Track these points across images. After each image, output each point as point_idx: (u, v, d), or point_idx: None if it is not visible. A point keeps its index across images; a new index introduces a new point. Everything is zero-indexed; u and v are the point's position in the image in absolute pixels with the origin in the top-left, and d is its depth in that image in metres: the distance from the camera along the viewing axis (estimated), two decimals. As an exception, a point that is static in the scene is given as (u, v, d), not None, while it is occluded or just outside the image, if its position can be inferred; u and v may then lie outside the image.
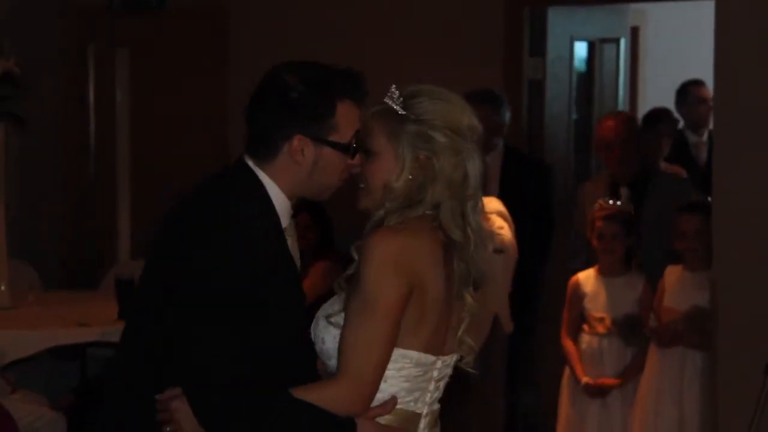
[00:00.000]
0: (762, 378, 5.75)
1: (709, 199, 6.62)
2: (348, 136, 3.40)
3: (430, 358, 3.28)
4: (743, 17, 6.32)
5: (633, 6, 9.02)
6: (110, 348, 6.95)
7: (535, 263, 7.13)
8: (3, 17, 9.19)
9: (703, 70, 7.02)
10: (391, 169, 3.31)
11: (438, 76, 7.52)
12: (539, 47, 8.28)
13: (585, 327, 6.99)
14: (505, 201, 7.02)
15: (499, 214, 6.78)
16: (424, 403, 3.36)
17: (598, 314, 6.94)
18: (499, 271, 6.87)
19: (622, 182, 7.22)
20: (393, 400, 3.27)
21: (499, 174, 7.27)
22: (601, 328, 6.94)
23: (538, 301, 7.41)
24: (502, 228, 6.75)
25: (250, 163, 3.48)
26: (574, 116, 8.66)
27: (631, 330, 6.92)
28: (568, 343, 7.00)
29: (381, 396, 3.28)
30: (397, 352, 3.24)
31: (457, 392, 6.78)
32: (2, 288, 7.71)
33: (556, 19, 8.26)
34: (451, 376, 6.78)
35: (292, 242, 3.57)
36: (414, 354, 3.26)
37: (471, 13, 8.23)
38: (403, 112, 3.31)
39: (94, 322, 7.15)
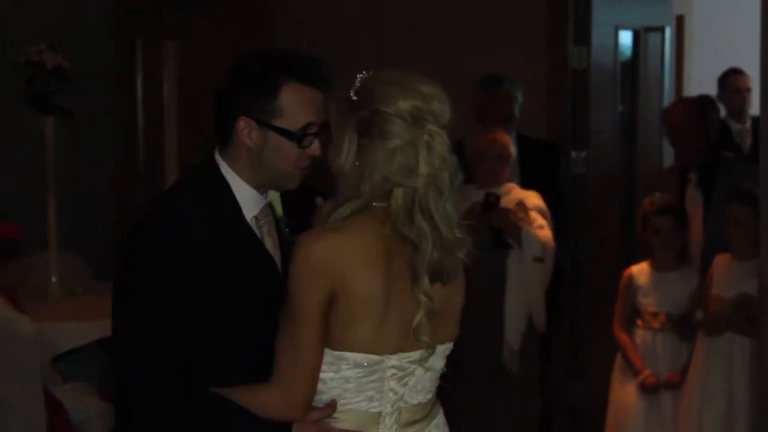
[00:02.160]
0: None
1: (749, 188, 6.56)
2: (298, 122, 3.39)
3: (374, 358, 3.23)
4: None
5: None
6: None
7: (556, 257, 7.10)
8: (52, 13, 9.25)
9: (750, 58, 6.96)
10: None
11: (481, 66, 7.56)
12: (583, 36, 8.26)
13: (639, 322, 6.97)
14: (525, 187, 7.05)
15: (539, 211, 6.75)
16: (385, 401, 3.30)
17: (653, 309, 6.92)
18: (538, 276, 6.89)
19: (690, 168, 7.13)
20: (333, 403, 3.26)
21: (518, 162, 7.23)
22: (655, 324, 6.94)
23: (566, 298, 7.37)
24: (542, 227, 6.74)
25: (216, 156, 3.53)
26: (620, 107, 8.61)
27: (687, 325, 6.87)
28: (623, 337, 7.00)
29: (323, 398, 3.29)
30: (331, 354, 3.23)
31: (493, 390, 6.78)
32: (53, 280, 7.74)
33: (601, 8, 8.24)
34: (486, 373, 6.70)
35: (266, 228, 3.59)
36: (349, 355, 3.22)
37: (514, 3, 8.18)
38: (355, 98, 3.27)
39: (143, 314, 7.15)
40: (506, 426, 6.95)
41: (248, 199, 3.47)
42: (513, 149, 6.97)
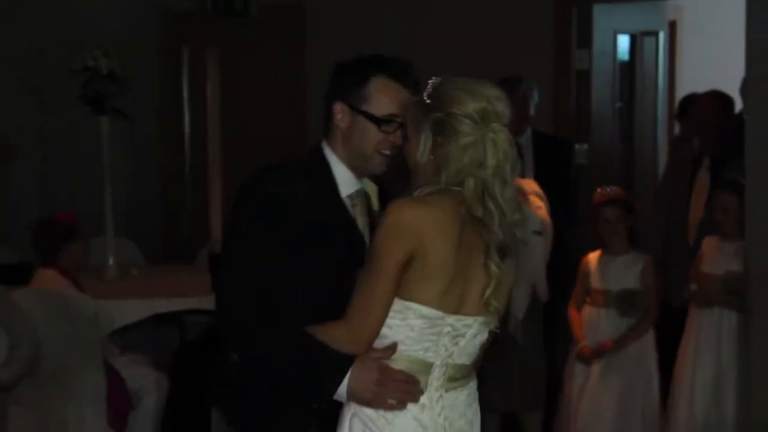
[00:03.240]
0: None
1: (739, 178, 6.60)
2: (382, 110, 3.49)
3: (437, 313, 3.30)
4: None
5: (671, 2, 8.89)
6: (205, 315, 7.08)
7: (564, 233, 7.07)
8: (108, 24, 9.31)
9: (736, 60, 7.00)
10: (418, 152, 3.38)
11: (493, 68, 7.62)
12: (586, 40, 8.22)
13: (588, 299, 7.04)
14: (539, 179, 7.01)
15: (537, 195, 6.76)
16: (437, 354, 3.35)
17: (599, 288, 6.98)
18: (539, 249, 6.81)
19: (705, 154, 7.19)
20: (393, 345, 3.31)
21: (532, 156, 7.25)
22: (600, 301, 6.98)
23: (570, 270, 7.39)
24: (540, 208, 6.70)
25: (323, 141, 3.65)
26: (618, 104, 8.65)
27: (628, 303, 6.92)
28: (572, 314, 7.06)
29: (386, 341, 3.34)
30: (401, 304, 3.29)
31: (500, 357, 6.80)
32: (110, 263, 7.86)
33: (601, 15, 8.22)
34: (493, 342, 6.69)
35: (360, 209, 3.65)
36: (416, 306, 3.29)
37: (524, 10, 8.20)
38: (429, 101, 3.36)
39: (191, 292, 7.25)
40: (514, 391, 6.93)
41: (345, 179, 3.58)
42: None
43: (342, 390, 3.31)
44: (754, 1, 6.31)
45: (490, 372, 6.85)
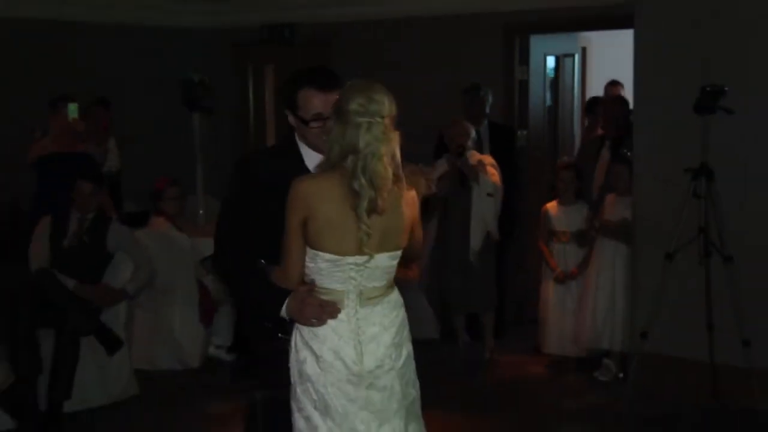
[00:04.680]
0: (663, 262, 5.75)
1: (629, 153, 6.61)
2: (308, 113, 3.36)
3: (335, 257, 3.17)
4: (653, 41, 6.24)
5: (582, 33, 8.85)
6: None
7: (510, 193, 7.01)
8: (198, 47, 9.28)
9: (627, 73, 6.97)
10: None
11: (459, 79, 7.66)
12: (524, 59, 8.14)
13: (554, 239, 7.00)
14: (494, 155, 6.93)
15: (492, 166, 6.74)
16: (347, 284, 3.21)
17: (561, 229, 6.97)
18: (492, 204, 6.77)
19: (608, 137, 7.11)
20: (312, 282, 3.22)
21: (488, 140, 7.22)
22: (564, 238, 6.97)
23: (515, 219, 7.39)
24: (494, 175, 6.65)
25: (294, 132, 3.54)
26: (548, 104, 8.62)
27: (582, 238, 6.91)
28: (544, 248, 7.05)
29: (308, 279, 3.25)
30: (311, 252, 3.18)
31: (465, 276, 6.78)
32: (201, 212, 7.85)
33: (535, 42, 8.16)
34: (460, 266, 6.43)
35: None
36: (321, 253, 3.17)
37: (482, 39, 8.13)
38: (337, 97, 3.23)
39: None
40: (474, 298, 6.93)
41: (311, 156, 3.43)
42: (472, 131, 6.86)
43: (283, 313, 3.24)
44: (639, 35, 6.30)
45: (458, 286, 6.89)
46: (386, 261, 3.24)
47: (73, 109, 7.12)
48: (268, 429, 3.43)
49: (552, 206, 7.06)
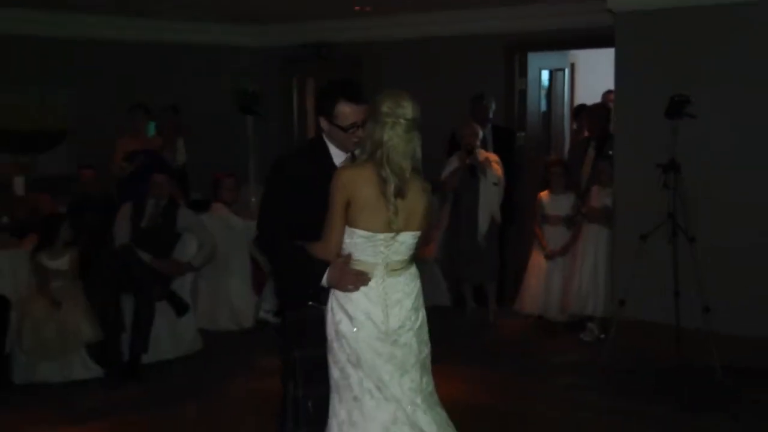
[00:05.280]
0: (638, 242, 5.68)
1: (611, 152, 6.59)
2: (345, 122, 3.32)
3: (368, 233, 3.16)
4: (630, 58, 6.25)
5: (572, 51, 8.74)
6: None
7: (510, 184, 6.98)
8: (253, 61, 9.26)
9: (608, 85, 6.97)
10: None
11: (468, 88, 7.53)
12: (523, 72, 8.02)
13: (546, 222, 6.91)
14: (497, 153, 6.91)
15: (496, 162, 6.75)
16: (377, 257, 3.20)
17: (552, 214, 6.89)
18: (496, 193, 6.78)
19: (593, 138, 7.05)
20: (348, 255, 3.20)
21: (492, 139, 7.14)
22: (554, 222, 6.89)
23: (514, 207, 7.35)
24: (498, 169, 6.74)
25: (323, 134, 3.48)
26: (543, 110, 8.58)
27: (569, 222, 6.86)
28: (537, 230, 6.96)
29: (345, 253, 3.23)
30: (349, 230, 3.18)
31: (474, 252, 6.70)
32: (252, 200, 7.81)
33: (532, 58, 8.05)
34: (470, 246, 6.30)
35: None
36: (357, 231, 3.16)
37: (489, 55, 8.06)
38: (371, 104, 3.23)
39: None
40: (480, 270, 6.95)
41: (337, 154, 3.42)
42: (480, 132, 6.82)
43: (324, 282, 3.23)
44: (619, 53, 6.28)
45: (467, 261, 6.88)
46: (409, 239, 3.24)
47: (151, 128, 7.16)
48: (304, 382, 3.41)
49: (544, 195, 6.97)
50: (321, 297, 3.30)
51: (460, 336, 6.62)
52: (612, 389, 5.45)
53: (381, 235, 3.18)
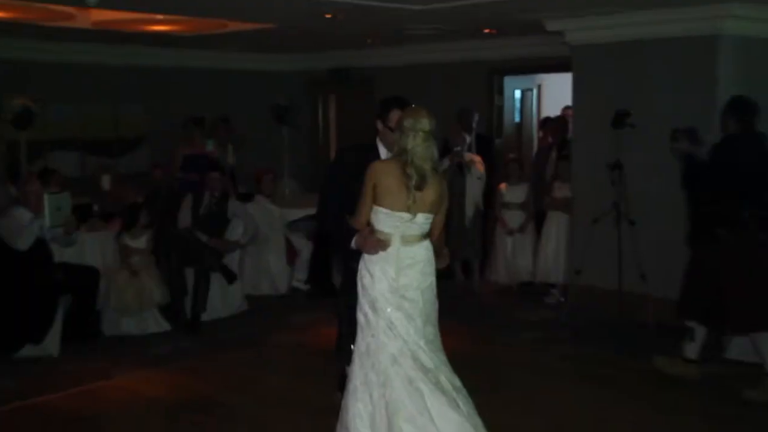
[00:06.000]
0: (591, 225, 5.74)
1: (569, 154, 6.49)
2: (393, 124, 3.36)
3: (390, 211, 3.18)
4: (584, 80, 6.28)
5: (538, 75, 8.62)
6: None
7: (491, 181, 6.87)
8: (285, 83, 9.18)
9: (567, 101, 6.96)
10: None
11: (455, 103, 7.35)
12: (500, 91, 8.04)
13: (505, 207, 6.84)
14: (480, 154, 6.86)
15: (479, 162, 6.71)
16: (396, 230, 3.20)
17: (510, 201, 6.83)
18: (479, 186, 6.73)
19: (554, 143, 7.01)
20: (372, 226, 3.22)
21: (476, 144, 6.97)
22: (512, 207, 6.83)
23: (493, 198, 7.16)
24: (480, 168, 6.70)
25: (377, 137, 3.57)
26: (516, 121, 8.53)
27: (524, 208, 6.80)
28: (498, 214, 6.88)
29: (370, 225, 3.25)
30: (375, 208, 3.21)
31: (462, 231, 6.52)
32: (287, 191, 7.79)
33: (508, 80, 8.06)
34: (458, 227, 6.21)
35: None
36: (380, 209, 3.19)
37: (472, 77, 8.04)
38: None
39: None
40: (466, 248, 6.81)
41: (383, 151, 3.50)
42: (467, 138, 6.73)
43: (353, 245, 3.28)
44: (576, 76, 6.29)
45: (456, 241, 6.60)
46: (422, 219, 3.23)
47: (210, 144, 7.15)
48: (348, 322, 3.49)
49: (503, 186, 6.88)
50: (355, 257, 3.36)
51: (450, 300, 6.30)
52: (569, 340, 5.44)
53: (398, 214, 3.19)
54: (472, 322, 5.96)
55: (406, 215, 3.19)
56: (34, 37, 7.17)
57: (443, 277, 3.45)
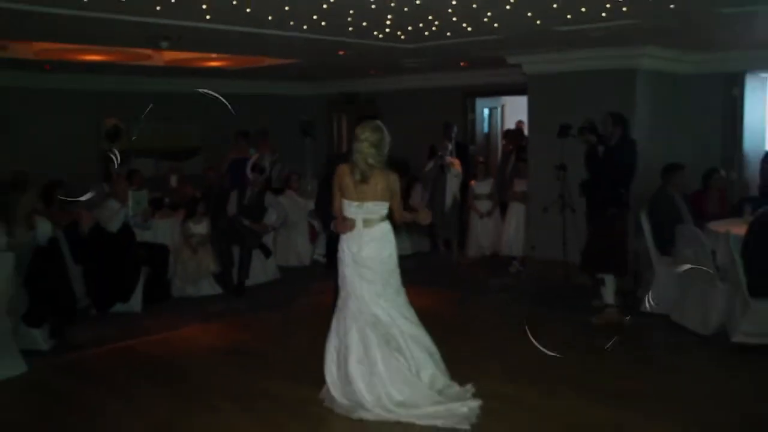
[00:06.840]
0: (541, 212, 5.71)
1: (526, 157, 6.43)
2: None
3: (348, 201, 3.18)
4: (536, 101, 6.24)
5: (503, 97, 8.52)
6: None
7: (466, 178, 6.84)
8: (305, 105, 9.10)
9: (524, 116, 6.94)
10: None
11: (439, 118, 7.27)
12: (473, 109, 8.05)
13: (475, 198, 6.76)
14: (458, 158, 6.76)
15: (457, 164, 6.65)
16: (359, 215, 3.17)
17: (480, 193, 6.78)
18: (456, 182, 6.65)
19: (514, 148, 6.90)
20: (344, 216, 3.18)
21: (455, 150, 6.84)
22: (482, 198, 6.77)
23: (466, 191, 7.06)
24: (458, 168, 6.64)
25: None
26: (485, 132, 8.54)
27: (491, 198, 6.75)
28: (471, 203, 6.79)
29: (343, 213, 3.22)
30: (342, 200, 3.21)
31: (441, 220, 6.34)
32: (309, 188, 7.41)
33: (479, 101, 8.05)
34: (438, 216, 5.97)
35: None
36: (344, 200, 3.19)
37: (451, 98, 7.99)
38: None
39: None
40: (446, 230, 6.70)
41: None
42: (449, 145, 6.60)
43: (332, 227, 3.28)
44: (530, 98, 6.27)
45: (439, 224, 6.62)
46: (372, 207, 3.19)
47: (252, 151, 7.03)
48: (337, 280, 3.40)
49: (474, 182, 6.83)
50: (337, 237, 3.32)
51: (433, 269, 6.49)
52: (528, 301, 5.41)
53: (354, 203, 3.19)
54: (450, 287, 5.93)
55: (356, 203, 3.17)
56: (122, 73, 7.28)
57: (429, 252, 3.44)
